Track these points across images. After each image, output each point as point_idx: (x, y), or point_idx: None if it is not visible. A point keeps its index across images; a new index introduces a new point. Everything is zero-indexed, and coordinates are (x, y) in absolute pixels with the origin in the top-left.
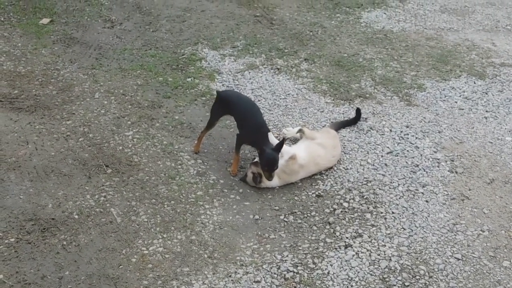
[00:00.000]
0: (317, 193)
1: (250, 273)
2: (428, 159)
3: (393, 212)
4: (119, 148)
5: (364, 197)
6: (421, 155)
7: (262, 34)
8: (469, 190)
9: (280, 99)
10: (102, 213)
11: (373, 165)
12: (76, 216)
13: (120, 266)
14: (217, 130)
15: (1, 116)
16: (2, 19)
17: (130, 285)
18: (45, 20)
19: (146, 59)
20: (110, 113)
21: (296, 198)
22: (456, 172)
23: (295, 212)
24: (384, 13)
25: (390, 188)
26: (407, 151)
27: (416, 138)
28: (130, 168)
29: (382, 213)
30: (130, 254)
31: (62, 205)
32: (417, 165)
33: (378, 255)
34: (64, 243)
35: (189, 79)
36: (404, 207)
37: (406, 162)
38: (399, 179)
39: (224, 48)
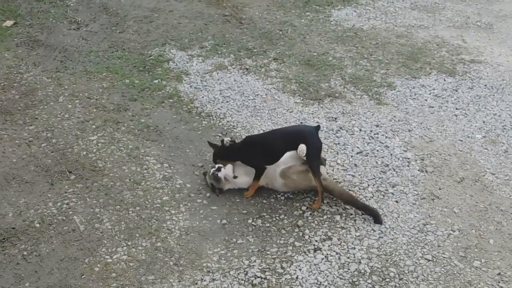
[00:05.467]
0: (286, 195)
1: (217, 280)
2: (398, 159)
3: (362, 214)
4: (83, 153)
5: (334, 199)
6: (391, 154)
7: (231, 33)
8: (439, 189)
9: (249, 100)
10: (65, 221)
11: (343, 165)
12: (38, 225)
13: (83, 276)
14: (184, 133)
15: None
16: None
17: None
18: (9, 23)
19: (113, 61)
20: (74, 117)
21: (264, 201)
22: (426, 171)
23: (264, 216)
24: (355, 11)
25: (360, 189)
26: (377, 150)
27: (386, 137)
28: (94, 173)
29: (351, 214)
30: (93, 263)
31: (23, 214)
32: (387, 165)
33: (348, 258)
34: (25, 253)
35: (156, 81)
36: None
37: (376, 162)
38: (369, 180)
39: (192, 49)
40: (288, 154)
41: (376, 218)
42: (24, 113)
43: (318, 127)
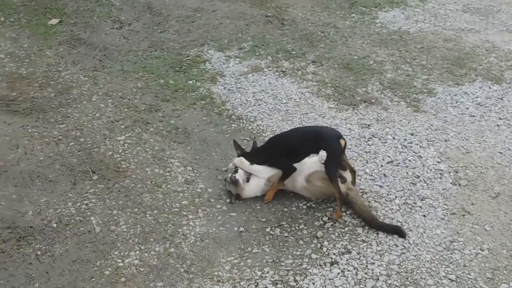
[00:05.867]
0: (308, 204)
1: None
2: (431, 170)
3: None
4: (108, 154)
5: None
6: (423, 165)
7: (272, 35)
8: (472, 204)
9: (282, 103)
10: (82, 222)
11: (371, 175)
12: (55, 225)
13: (92, 279)
14: (212, 135)
15: None
16: (12, 19)
17: None
18: (54, 21)
19: (150, 61)
20: (105, 117)
21: (285, 209)
22: (459, 185)
23: (283, 225)
24: (402, 13)
25: (386, 200)
26: (409, 161)
27: (420, 147)
28: (117, 174)
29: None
30: (104, 266)
31: (42, 213)
32: (418, 176)
33: (366, 273)
34: (39, 253)
35: (190, 82)
36: (399, 221)
37: (407, 173)
38: (397, 191)
39: (230, 50)
40: (313, 159)
41: (399, 234)
42: (57, 112)
43: (340, 136)
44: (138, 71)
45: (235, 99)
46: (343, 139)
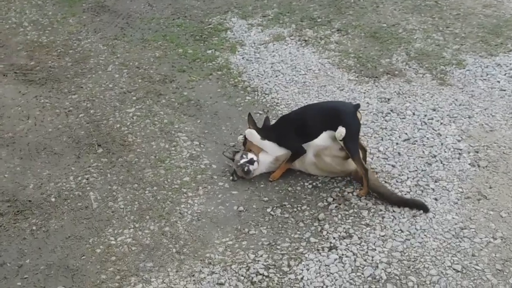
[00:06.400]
0: (314, 183)
1: (216, 273)
2: (449, 149)
3: (393, 211)
4: (116, 126)
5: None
6: (441, 144)
7: (299, 1)
8: (490, 188)
9: (300, 74)
10: (80, 197)
11: (385, 153)
12: (53, 199)
13: (83, 257)
14: (224, 108)
15: (11, 89)
16: None
17: (87, 279)
18: None
19: (171, 29)
20: (118, 88)
21: (290, 188)
22: (478, 166)
23: (285, 205)
24: None
25: (397, 181)
26: (427, 138)
27: (441, 123)
28: (122, 148)
29: (381, 211)
30: (96, 244)
31: (43, 187)
32: (435, 156)
33: (365, 260)
34: (34, 228)
35: (209, 51)
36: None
37: (423, 152)
38: (409, 172)
39: (253, 17)
40: (326, 134)
41: (422, 208)
42: (71, 82)
43: (357, 106)
44: (158, 39)
45: (252, 70)
46: (359, 112)
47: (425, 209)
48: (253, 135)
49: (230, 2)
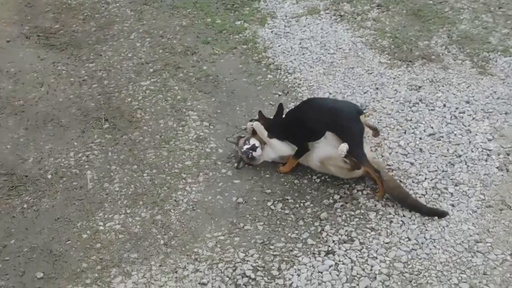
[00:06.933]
0: (322, 177)
1: (200, 271)
2: (477, 149)
3: (403, 215)
4: (127, 100)
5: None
6: (469, 142)
7: None
8: None
9: (328, 53)
10: (77, 176)
11: (405, 149)
12: (49, 176)
13: (68, 242)
14: (243, 86)
15: (31, 53)
16: None
17: (67, 266)
18: None
19: None
20: (136, 58)
21: (296, 181)
22: (507, 171)
23: (287, 199)
24: None
25: (413, 181)
26: (455, 135)
27: (473, 118)
28: (129, 124)
29: (390, 214)
30: (84, 228)
31: (42, 161)
32: (459, 156)
33: (363, 270)
34: (25, 206)
35: (238, 22)
36: None
37: (447, 150)
38: (429, 172)
39: None
40: (329, 142)
41: (439, 215)
42: (91, 48)
43: (360, 111)
44: (187, 7)
45: (279, 46)
46: (363, 113)
47: (443, 215)
48: (261, 131)
49: None
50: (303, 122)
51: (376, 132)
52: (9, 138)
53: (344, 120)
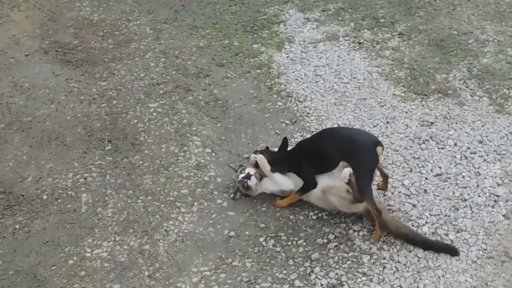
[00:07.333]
0: (319, 215)
1: None
2: (484, 194)
3: (398, 261)
4: (133, 122)
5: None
6: (477, 185)
7: None
8: None
9: (342, 82)
10: (72, 198)
11: (409, 189)
12: (45, 197)
13: (53, 267)
14: (251, 113)
15: (47, 68)
16: None
17: None
18: None
19: (224, 16)
20: (148, 78)
21: (292, 217)
22: None
23: (280, 236)
24: None
25: (413, 225)
26: (463, 177)
27: (484, 160)
28: (131, 147)
29: (384, 258)
30: (71, 254)
31: (40, 181)
32: (465, 200)
33: None
34: (17, 226)
35: (255, 46)
36: (417, 256)
37: (453, 193)
38: (430, 215)
39: (312, 11)
40: (334, 172)
41: (451, 252)
42: (106, 66)
43: (377, 142)
44: (207, 27)
45: (293, 72)
46: (381, 145)
47: (455, 253)
48: (263, 165)
49: None
50: (319, 150)
51: (385, 183)
52: (12, 155)
53: (359, 148)
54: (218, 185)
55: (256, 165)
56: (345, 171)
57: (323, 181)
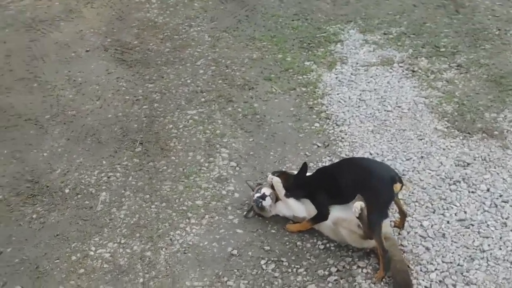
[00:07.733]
0: (327, 245)
1: None
2: (506, 247)
3: None
4: (168, 127)
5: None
6: (500, 237)
7: (434, 22)
8: None
9: (385, 110)
10: (91, 195)
11: (426, 231)
12: (67, 191)
13: (56, 261)
14: (286, 131)
15: (102, 65)
16: None
17: (45, 286)
18: None
19: (284, 30)
20: (194, 85)
21: (298, 243)
22: None
23: (282, 261)
24: None
25: (421, 270)
26: (487, 226)
27: None
28: (159, 152)
29: None
30: (76, 250)
31: (67, 175)
32: (484, 251)
33: None
34: (34, 216)
35: (307, 63)
36: None
37: (473, 242)
38: (442, 262)
39: (373, 33)
40: (348, 205)
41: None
42: (157, 69)
43: (394, 178)
44: (264, 39)
45: (337, 94)
46: (400, 181)
47: None
48: (278, 188)
49: (360, 11)
50: (336, 180)
51: (402, 221)
52: (49, 146)
53: (374, 181)
54: (234, 200)
55: (273, 187)
56: (356, 205)
57: (336, 212)
